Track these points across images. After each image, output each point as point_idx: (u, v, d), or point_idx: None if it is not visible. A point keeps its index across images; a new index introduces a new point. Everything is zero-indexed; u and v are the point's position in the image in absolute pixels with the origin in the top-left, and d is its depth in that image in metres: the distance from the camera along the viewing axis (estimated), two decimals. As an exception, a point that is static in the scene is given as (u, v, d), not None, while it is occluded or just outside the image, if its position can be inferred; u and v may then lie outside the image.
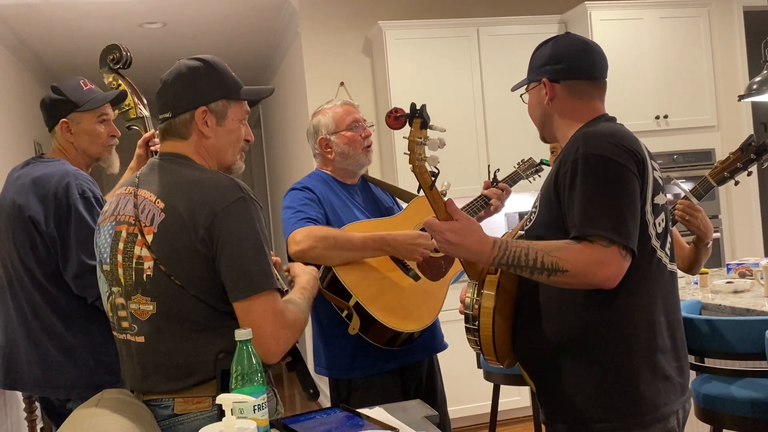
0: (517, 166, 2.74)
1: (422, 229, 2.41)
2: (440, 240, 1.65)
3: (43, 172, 2.27)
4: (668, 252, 1.73)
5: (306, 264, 1.97)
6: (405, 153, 1.64)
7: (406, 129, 1.67)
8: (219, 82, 1.71)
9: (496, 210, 2.58)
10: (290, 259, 2.20)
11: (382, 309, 2.24)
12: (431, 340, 2.46)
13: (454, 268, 2.46)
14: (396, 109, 1.72)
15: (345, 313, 2.25)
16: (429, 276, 2.40)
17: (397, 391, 2.37)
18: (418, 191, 1.66)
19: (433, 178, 1.63)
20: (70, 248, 2.21)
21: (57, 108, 2.36)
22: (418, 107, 1.64)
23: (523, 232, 1.80)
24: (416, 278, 2.37)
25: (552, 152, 2.64)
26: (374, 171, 4.74)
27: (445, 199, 1.67)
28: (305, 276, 1.87)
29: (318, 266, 2.10)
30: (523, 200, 4.88)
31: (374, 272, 2.30)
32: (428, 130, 1.64)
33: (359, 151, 2.47)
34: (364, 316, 2.22)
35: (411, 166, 1.64)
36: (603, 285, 1.58)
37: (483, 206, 2.56)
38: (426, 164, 1.64)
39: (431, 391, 2.48)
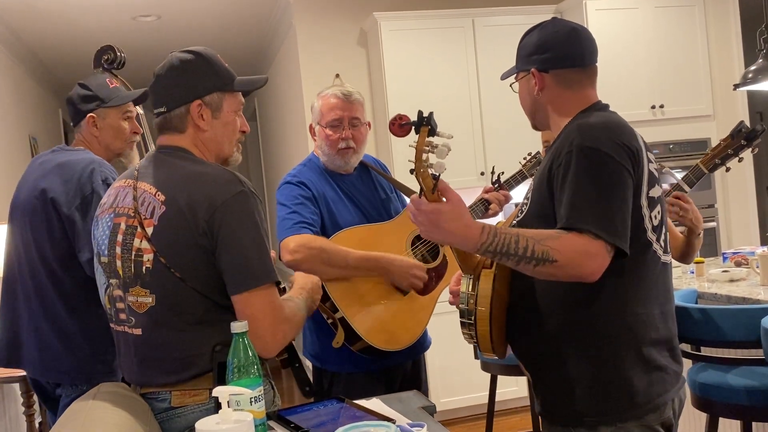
0: (522, 164, 2.71)
1: (416, 236, 2.40)
2: (424, 222, 1.54)
3: (68, 158, 2.35)
4: (663, 244, 1.71)
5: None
6: (410, 161, 1.55)
7: (411, 136, 1.59)
8: (212, 75, 1.71)
9: (494, 215, 2.62)
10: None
11: (368, 326, 2.25)
12: (415, 343, 2.43)
13: (443, 283, 2.44)
14: (400, 116, 1.62)
15: (330, 321, 2.26)
16: (418, 290, 2.39)
17: (380, 389, 2.36)
18: (420, 195, 1.56)
19: (435, 182, 1.56)
20: (88, 232, 2.24)
21: (85, 103, 2.43)
22: (425, 114, 1.55)
23: (515, 223, 1.77)
24: (405, 292, 2.36)
25: (545, 147, 2.61)
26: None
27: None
28: (304, 278, 1.89)
29: None
30: (524, 191, 4.87)
31: (363, 285, 2.29)
32: (435, 137, 1.56)
33: (334, 152, 2.40)
34: (349, 331, 2.23)
35: (415, 172, 1.55)
36: (586, 278, 1.54)
37: (483, 210, 2.59)
38: (431, 170, 1.55)
39: (415, 386, 2.46)
